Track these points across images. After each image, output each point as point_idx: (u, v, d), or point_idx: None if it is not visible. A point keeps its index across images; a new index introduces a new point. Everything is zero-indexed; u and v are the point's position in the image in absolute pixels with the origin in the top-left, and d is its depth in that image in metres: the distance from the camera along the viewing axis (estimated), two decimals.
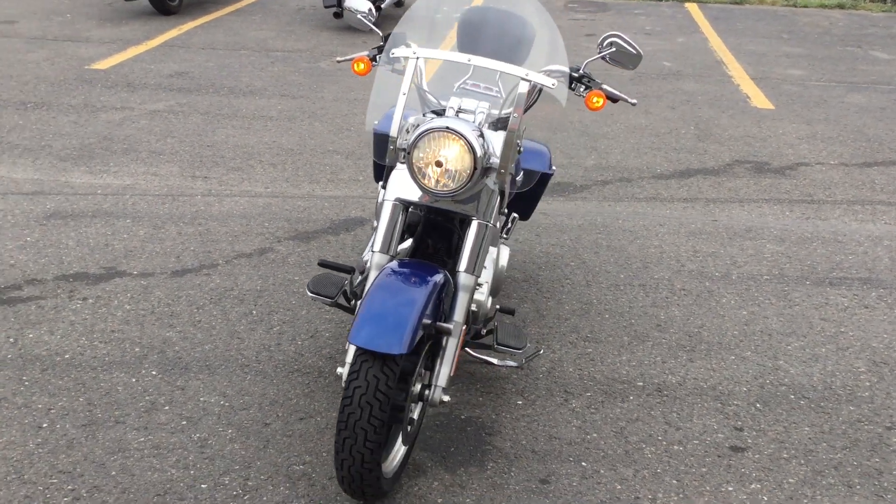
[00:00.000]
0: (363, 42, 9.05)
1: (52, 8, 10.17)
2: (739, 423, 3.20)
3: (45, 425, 3.01)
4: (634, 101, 3.05)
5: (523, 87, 2.71)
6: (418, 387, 2.68)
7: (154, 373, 3.35)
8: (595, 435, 3.10)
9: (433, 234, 2.99)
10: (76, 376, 3.30)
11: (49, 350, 3.47)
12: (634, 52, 3.03)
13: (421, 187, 2.66)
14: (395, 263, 2.68)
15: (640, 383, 3.42)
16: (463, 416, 3.17)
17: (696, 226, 4.94)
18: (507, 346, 3.14)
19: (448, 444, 3.01)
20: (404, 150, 2.66)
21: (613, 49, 3.03)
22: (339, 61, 3.24)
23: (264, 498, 2.72)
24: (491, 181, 2.71)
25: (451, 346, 2.71)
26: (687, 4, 11.94)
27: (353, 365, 2.42)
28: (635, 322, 3.88)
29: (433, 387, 2.68)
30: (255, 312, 3.81)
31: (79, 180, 5.30)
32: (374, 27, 3.14)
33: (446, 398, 2.70)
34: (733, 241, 4.76)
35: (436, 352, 2.73)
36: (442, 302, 2.69)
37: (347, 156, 5.86)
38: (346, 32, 9.46)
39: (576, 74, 2.96)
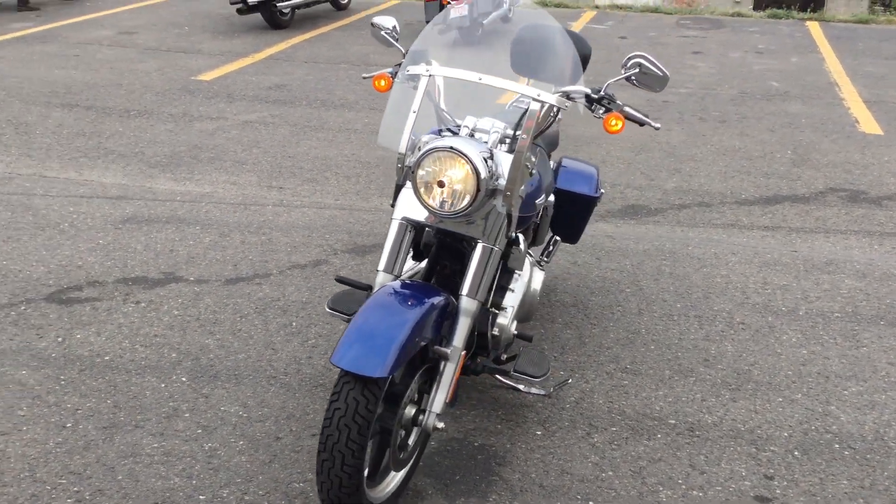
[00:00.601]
0: None
1: (173, 20, 10.63)
2: (772, 470, 2.99)
3: (68, 425, 3.11)
4: (658, 125, 2.90)
5: (535, 108, 2.62)
6: (412, 411, 2.62)
7: (184, 379, 3.41)
8: (611, 473, 2.96)
9: (447, 255, 2.92)
10: (110, 378, 3.39)
11: (91, 351, 3.58)
12: (661, 73, 2.89)
13: (425, 206, 2.61)
14: (394, 284, 2.63)
15: (673, 421, 3.25)
16: (476, 443, 3.09)
17: (771, 256, 4.68)
18: (524, 374, 3.03)
19: (454, 472, 2.93)
20: (411, 168, 2.62)
21: (637, 70, 2.90)
22: (364, 77, 3.22)
23: None
24: (499, 203, 2.63)
25: (448, 371, 2.64)
26: (808, 23, 11.43)
27: (336, 385, 2.39)
28: (682, 355, 3.70)
29: (427, 412, 2.62)
30: (294, 324, 3.83)
31: (162, 187, 5.49)
32: (395, 43, 3.11)
33: (440, 425, 2.63)
34: (809, 274, 4.48)
35: (434, 376, 2.67)
36: (442, 325, 2.62)
37: None
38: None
39: (595, 96, 2.84)
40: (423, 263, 2.98)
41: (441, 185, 2.56)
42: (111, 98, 7.37)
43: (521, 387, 3.34)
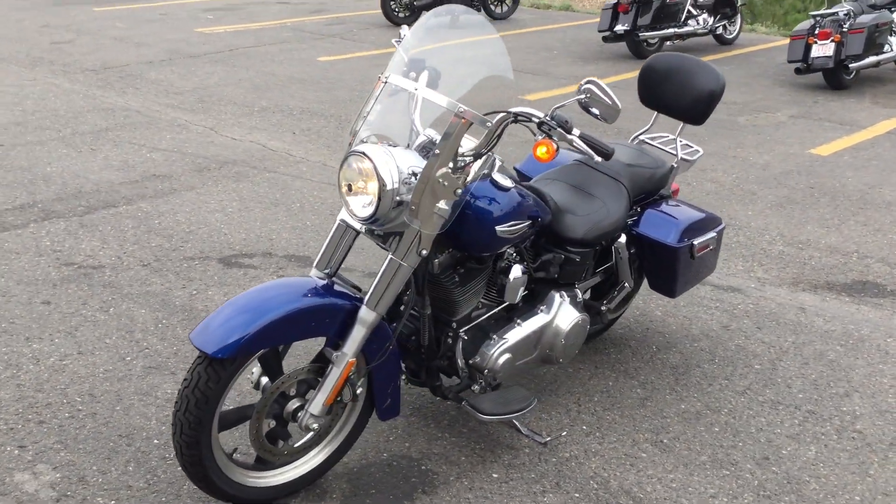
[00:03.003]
0: (814, 102, 8.27)
1: (550, 44, 11.10)
2: None
3: (127, 359, 3.60)
4: (599, 159, 2.55)
5: (454, 122, 2.50)
6: (294, 405, 2.65)
7: None
8: None
9: None
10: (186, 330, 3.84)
11: (206, 309, 4.06)
12: (609, 102, 2.55)
13: (347, 210, 2.63)
14: (293, 278, 2.70)
15: None
16: (424, 467, 2.98)
17: None
18: (472, 407, 2.87)
19: (376, 485, 2.87)
20: None
21: (586, 96, 2.59)
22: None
23: None
24: (405, 215, 2.55)
25: (332, 375, 2.62)
26: None
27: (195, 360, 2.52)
28: (740, 446, 3.15)
29: (304, 411, 2.63)
30: None
31: None
32: (398, 47, 3.03)
33: (315, 425, 2.63)
34: None
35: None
36: (346, 330, 2.62)
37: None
38: (801, 90, 8.73)
39: (536, 119, 2.60)
40: None
41: (350, 189, 2.56)
42: None
43: (522, 429, 3.16)
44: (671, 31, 10.14)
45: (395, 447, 3.07)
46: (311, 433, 2.67)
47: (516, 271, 2.94)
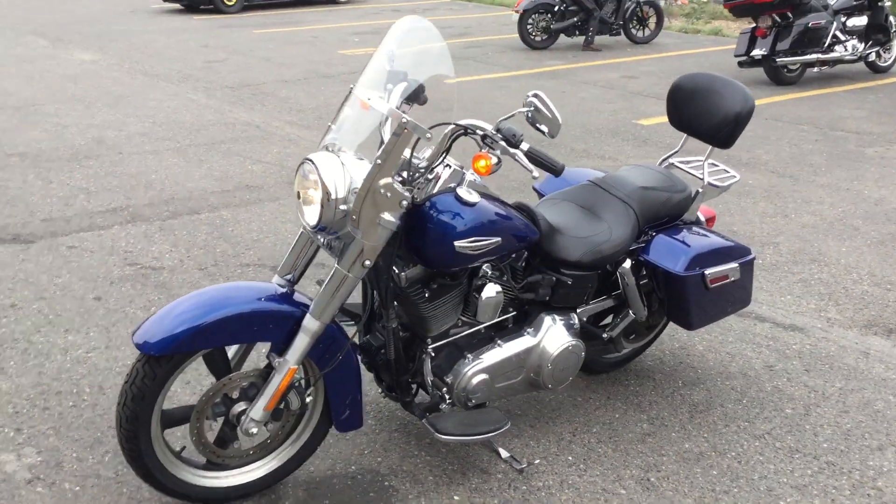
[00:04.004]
0: None
1: (678, 69, 10.72)
2: None
3: None
4: (537, 173, 2.42)
5: (390, 128, 2.47)
6: (239, 408, 2.67)
7: None
8: None
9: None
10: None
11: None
12: (550, 115, 2.43)
13: (301, 217, 2.64)
14: (242, 283, 2.73)
15: None
16: (386, 483, 2.92)
17: None
18: (432, 425, 2.80)
19: (333, 495, 2.85)
20: None
21: (531, 108, 2.47)
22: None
23: None
24: (348, 225, 2.52)
25: (273, 382, 2.62)
26: None
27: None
28: (736, 492, 2.91)
29: (246, 416, 2.64)
30: None
31: None
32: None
33: (255, 430, 2.64)
34: None
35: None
36: (293, 338, 2.62)
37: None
38: None
39: (480, 132, 2.51)
40: None
41: (298, 196, 2.57)
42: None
43: (503, 453, 3.07)
44: (814, 56, 9.58)
45: (366, 460, 3.04)
46: (258, 438, 2.68)
47: (490, 290, 2.84)
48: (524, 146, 2.48)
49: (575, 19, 11.80)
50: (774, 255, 5.00)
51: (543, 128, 2.56)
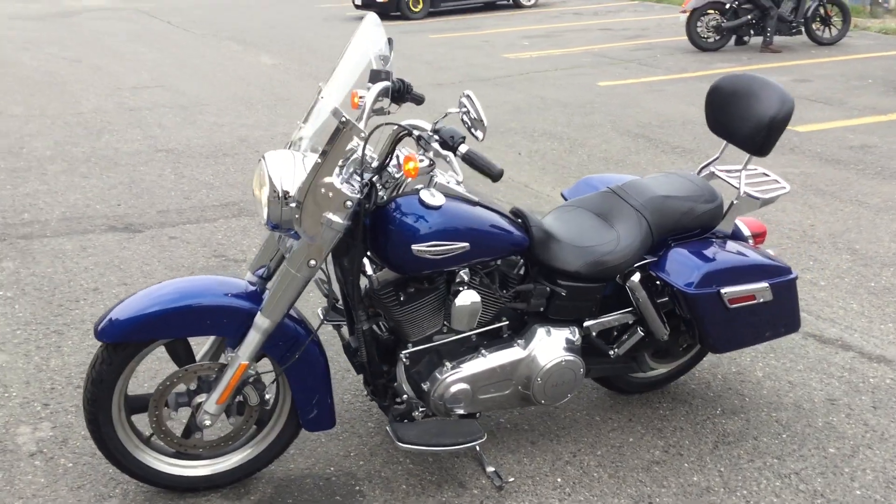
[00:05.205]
0: None
1: (862, 73, 9.89)
2: None
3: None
4: (461, 177, 2.27)
5: (331, 124, 2.42)
6: (199, 399, 2.70)
7: None
8: None
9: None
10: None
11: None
12: (475, 116, 2.29)
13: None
14: (204, 277, 2.74)
15: None
16: (357, 488, 2.86)
17: None
18: (393, 431, 2.71)
19: (302, 495, 2.83)
20: None
21: (463, 109, 2.34)
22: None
23: None
24: (294, 223, 2.49)
25: (225, 377, 2.63)
26: None
27: None
28: None
29: (200, 409, 2.67)
30: None
31: None
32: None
33: (208, 422, 2.66)
34: None
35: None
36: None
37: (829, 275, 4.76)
38: None
39: (416, 133, 2.40)
40: None
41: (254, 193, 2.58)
42: (674, 134, 7.52)
43: (487, 467, 2.95)
44: None
45: (347, 462, 2.99)
46: (223, 430, 2.71)
47: (465, 297, 2.72)
48: (462, 149, 2.38)
49: (749, 17, 11.13)
50: (892, 278, 4.48)
51: (474, 129, 2.45)
